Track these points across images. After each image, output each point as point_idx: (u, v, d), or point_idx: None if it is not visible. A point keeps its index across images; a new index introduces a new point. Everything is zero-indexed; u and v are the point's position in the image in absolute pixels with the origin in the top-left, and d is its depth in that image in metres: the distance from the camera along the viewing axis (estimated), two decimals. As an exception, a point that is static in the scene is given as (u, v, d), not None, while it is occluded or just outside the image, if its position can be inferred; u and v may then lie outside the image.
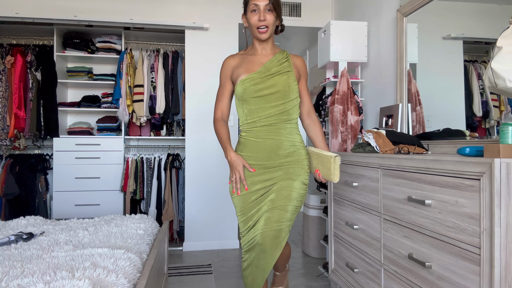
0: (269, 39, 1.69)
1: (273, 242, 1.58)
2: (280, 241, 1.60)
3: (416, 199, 1.43)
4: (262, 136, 1.66)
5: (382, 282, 1.72)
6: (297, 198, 1.65)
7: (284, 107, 1.66)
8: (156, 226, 2.24)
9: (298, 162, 1.67)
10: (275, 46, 1.76)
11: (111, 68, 3.77)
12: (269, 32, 1.65)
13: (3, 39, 3.55)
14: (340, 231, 2.22)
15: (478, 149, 1.22)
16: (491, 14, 1.77)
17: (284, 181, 1.64)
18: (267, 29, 1.64)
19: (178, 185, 3.59)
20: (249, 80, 1.65)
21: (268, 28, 1.63)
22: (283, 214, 1.61)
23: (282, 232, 1.60)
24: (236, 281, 2.65)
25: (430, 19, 2.16)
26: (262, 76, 1.65)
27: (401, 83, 2.37)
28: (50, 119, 3.31)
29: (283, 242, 1.62)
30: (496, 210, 1.05)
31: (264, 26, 1.63)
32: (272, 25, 1.64)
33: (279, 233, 1.59)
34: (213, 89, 3.49)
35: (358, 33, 2.76)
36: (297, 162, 1.67)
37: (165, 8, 3.45)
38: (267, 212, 1.61)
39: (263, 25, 1.62)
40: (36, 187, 3.40)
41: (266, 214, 1.61)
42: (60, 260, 1.46)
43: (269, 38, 1.69)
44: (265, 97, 1.64)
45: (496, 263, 1.06)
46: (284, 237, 1.61)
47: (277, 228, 1.59)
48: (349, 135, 2.53)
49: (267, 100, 1.64)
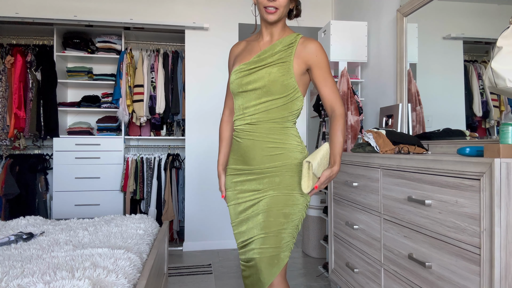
0: (279, 23, 1.43)
1: (269, 264, 1.39)
2: (279, 261, 1.39)
3: (416, 199, 1.43)
4: (243, 136, 1.43)
5: (382, 282, 1.72)
6: (292, 217, 1.39)
7: (267, 105, 1.39)
8: (156, 226, 2.24)
9: (287, 169, 1.39)
10: (286, 31, 1.46)
11: (111, 68, 3.77)
12: (279, 14, 1.37)
13: (3, 39, 3.55)
14: (340, 231, 2.22)
15: (478, 149, 1.22)
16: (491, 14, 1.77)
17: (273, 197, 1.39)
18: (276, 11, 1.35)
19: (178, 185, 3.59)
20: (238, 72, 1.43)
21: (278, 10, 1.35)
22: (279, 240, 1.38)
23: (281, 253, 1.39)
24: (236, 281, 2.65)
25: (430, 19, 2.16)
26: (251, 67, 1.40)
27: (401, 83, 2.37)
28: (50, 119, 3.31)
29: (281, 262, 1.39)
30: (496, 210, 1.05)
31: (273, 7, 1.35)
32: (284, 6, 1.36)
33: (277, 257, 1.39)
34: (213, 89, 3.49)
35: (358, 33, 2.76)
36: (286, 168, 1.39)
37: (165, 8, 3.45)
38: (260, 237, 1.39)
39: (272, 6, 1.34)
40: (36, 187, 3.40)
41: (259, 239, 1.39)
42: (60, 260, 1.46)
43: (279, 22, 1.42)
44: (248, 93, 1.40)
45: (496, 263, 1.06)
46: (284, 257, 1.40)
47: (274, 253, 1.38)
48: (349, 135, 2.53)
49: (250, 97, 1.40)
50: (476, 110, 1.82)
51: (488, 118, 1.76)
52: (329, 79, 1.43)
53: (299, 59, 1.40)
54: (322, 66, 1.42)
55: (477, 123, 1.81)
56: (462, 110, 1.89)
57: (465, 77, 1.88)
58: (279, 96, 1.39)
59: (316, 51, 1.41)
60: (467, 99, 1.87)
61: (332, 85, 1.42)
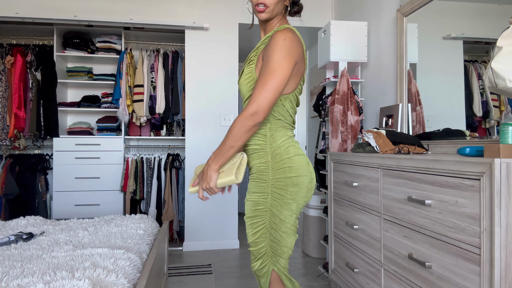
0: (272, 21, 1.35)
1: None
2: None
3: (416, 199, 1.43)
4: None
5: (382, 282, 1.72)
6: (249, 223, 1.35)
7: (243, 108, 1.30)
8: (156, 226, 2.24)
9: (255, 171, 1.34)
10: (279, 26, 1.33)
11: (111, 68, 3.77)
12: (269, 12, 1.29)
13: (3, 39, 3.55)
14: (340, 231, 2.22)
15: (478, 149, 1.22)
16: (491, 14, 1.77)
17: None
18: (265, 8, 1.28)
19: (178, 185, 3.59)
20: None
21: (267, 7, 1.28)
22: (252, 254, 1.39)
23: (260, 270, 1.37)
24: (236, 281, 2.65)
25: (430, 19, 2.16)
26: (242, 68, 1.38)
27: (401, 83, 2.37)
28: (50, 119, 3.31)
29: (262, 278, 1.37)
30: (496, 210, 1.05)
31: (262, 4, 1.28)
32: (274, 4, 1.28)
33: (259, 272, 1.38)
34: (213, 89, 3.50)
35: (358, 33, 2.76)
36: (254, 171, 1.35)
37: (165, 8, 3.45)
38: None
39: (261, 3, 1.28)
40: (36, 187, 3.40)
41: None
42: (60, 260, 1.46)
43: (272, 20, 1.35)
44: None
45: (496, 263, 1.06)
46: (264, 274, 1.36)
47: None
48: (349, 135, 2.53)
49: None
50: (476, 110, 1.82)
51: (488, 118, 1.76)
52: (267, 74, 1.19)
53: (262, 54, 1.28)
54: (266, 60, 1.22)
55: (477, 123, 1.81)
56: (462, 110, 1.89)
57: (465, 77, 1.88)
58: (247, 99, 1.33)
59: (272, 41, 1.22)
60: (467, 99, 1.87)
61: (261, 80, 1.19)
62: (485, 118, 1.77)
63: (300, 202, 1.31)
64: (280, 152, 1.29)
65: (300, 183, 1.29)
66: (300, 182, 1.29)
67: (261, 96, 1.17)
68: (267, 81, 1.18)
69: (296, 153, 1.31)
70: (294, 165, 1.28)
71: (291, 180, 1.28)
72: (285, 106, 1.32)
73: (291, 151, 1.30)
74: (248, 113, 1.17)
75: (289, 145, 1.31)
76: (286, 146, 1.30)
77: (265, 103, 1.17)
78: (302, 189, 1.30)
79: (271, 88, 1.17)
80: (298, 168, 1.29)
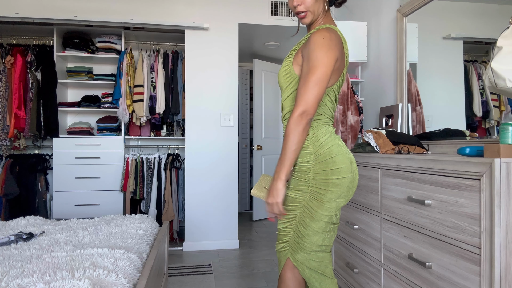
0: (316, 22, 1.38)
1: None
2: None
3: (416, 199, 1.43)
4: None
5: (382, 282, 1.72)
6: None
7: (281, 101, 1.39)
8: (156, 226, 2.24)
9: (298, 169, 1.35)
10: (320, 25, 1.35)
11: (111, 68, 3.77)
12: (310, 16, 1.33)
13: (3, 39, 3.55)
14: (340, 231, 2.22)
15: (478, 149, 1.22)
16: (491, 14, 1.77)
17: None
18: (306, 13, 1.33)
19: (178, 185, 3.59)
20: None
21: (307, 12, 1.32)
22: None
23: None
24: (236, 281, 2.65)
25: (430, 19, 2.16)
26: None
27: (401, 83, 2.37)
28: (50, 119, 3.31)
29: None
30: (496, 210, 1.05)
31: (302, 12, 1.33)
32: (312, 6, 1.32)
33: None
34: (214, 89, 3.50)
35: (358, 33, 2.76)
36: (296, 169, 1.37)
37: (165, 8, 3.45)
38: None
39: (301, 11, 1.33)
40: (36, 187, 3.40)
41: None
42: (60, 260, 1.46)
43: (315, 22, 1.37)
44: None
45: (496, 263, 1.06)
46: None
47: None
48: (349, 135, 2.53)
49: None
50: (476, 110, 1.82)
51: (488, 118, 1.76)
52: (304, 76, 1.23)
53: (301, 51, 1.32)
54: (307, 58, 1.26)
55: (477, 123, 1.81)
56: (462, 110, 1.89)
57: (465, 77, 1.88)
58: (282, 92, 1.38)
59: (312, 39, 1.26)
60: (467, 99, 1.87)
61: (304, 84, 1.22)
62: (485, 118, 1.77)
63: (341, 200, 1.31)
64: (323, 152, 1.29)
65: (341, 183, 1.29)
66: (342, 183, 1.29)
67: (305, 94, 1.20)
68: (309, 78, 1.21)
69: (338, 152, 1.30)
70: (337, 167, 1.28)
71: (332, 182, 1.28)
72: (324, 101, 1.33)
73: (334, 151, 1.29)
74: (297, 114, 1.20)
75: (331, 144, 1.30)
76: (329, 145, 1.30)
77: (311, 100, 1.20)
78: (343, 189, 1.29)
79: (314, 84, 1.20)
80: (340, 171, 1.28)
